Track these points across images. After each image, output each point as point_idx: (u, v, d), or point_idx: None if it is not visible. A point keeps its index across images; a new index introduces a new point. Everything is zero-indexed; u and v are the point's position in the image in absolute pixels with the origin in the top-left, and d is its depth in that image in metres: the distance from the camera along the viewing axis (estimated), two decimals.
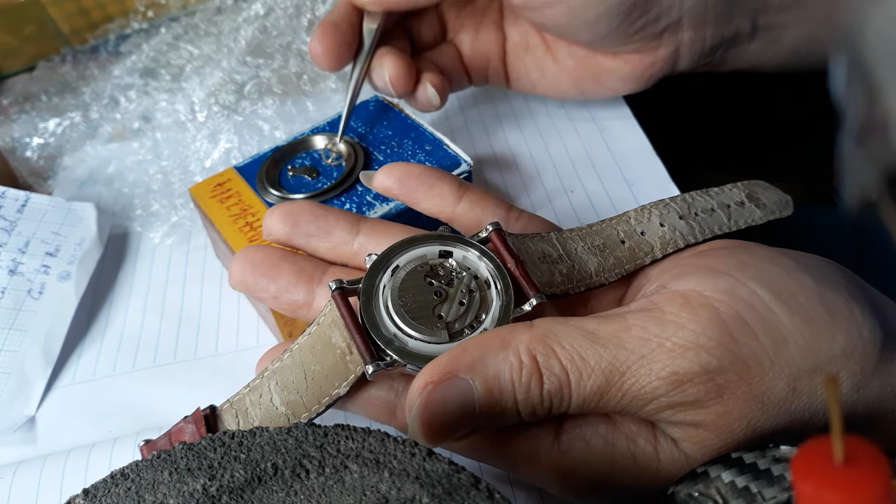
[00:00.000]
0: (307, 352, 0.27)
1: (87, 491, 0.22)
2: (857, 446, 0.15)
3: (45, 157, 0.50)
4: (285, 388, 0.27)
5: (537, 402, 0.23)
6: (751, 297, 0.23)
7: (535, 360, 0.23)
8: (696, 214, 0.30)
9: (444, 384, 0.23)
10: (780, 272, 0.24)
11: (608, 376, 0.23)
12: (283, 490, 0.21)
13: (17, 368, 0.37)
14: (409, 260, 0.27)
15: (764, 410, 0.23)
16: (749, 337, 0.23)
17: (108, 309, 0.41)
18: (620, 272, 0.28)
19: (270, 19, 0.54)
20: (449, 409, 0.23)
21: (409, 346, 0.25)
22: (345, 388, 0.26)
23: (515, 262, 0.26)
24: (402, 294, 0.26)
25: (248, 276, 0.29)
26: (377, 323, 0.26)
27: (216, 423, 0.28)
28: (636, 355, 0.23)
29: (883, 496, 0.14)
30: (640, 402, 0.23)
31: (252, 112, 0.51)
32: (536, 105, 0.50)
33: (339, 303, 0.26)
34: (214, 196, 0.39)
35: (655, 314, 0.24)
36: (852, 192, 0.15)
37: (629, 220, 0.30)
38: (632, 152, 0.46)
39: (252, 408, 0.27)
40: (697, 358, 0.22)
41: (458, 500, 0.20)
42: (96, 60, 0.57)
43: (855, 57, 0.14)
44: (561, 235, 0.29)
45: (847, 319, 0.23)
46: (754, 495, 0.20)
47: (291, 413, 0.26)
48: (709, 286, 0.24)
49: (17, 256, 0.40)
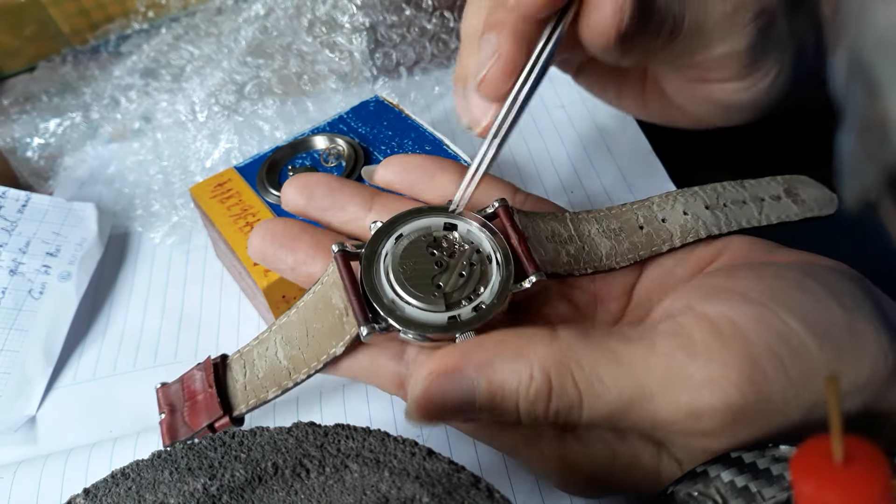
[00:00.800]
0: (310, 310, 0.28)
1: (88, 490, 0.22)
2: (857, 446, 0.15)
3: (46, 158, 0.50)
4: (289, 343, 0.28)
5: (541, 416, 0.23)
6: (783, 328, 0.23)
7: (549, 379, 0.23)
8: (724, 205, 0.29)
9: (448, 377, 0.23)
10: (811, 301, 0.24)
11: (627, 401, 0.22)
12: (284, 489, 0.21)
13: (17, 368, 0.37)
14: (414, 230, 0.27)
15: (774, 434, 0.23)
16: (780, 373, 0.22)
17: (109, 309, 0.41)
18: (634, 257, 0.28)
19: (271, 20, 0.54)
20: (448, 402, 0.23)
21: (405, 312, 0.26)
22: (341, 347, 0.26)
23: (519, 238, 0.26)
24: (402, 262, 0.26)
25: (267, 247, 0.29)
26: (375, 287, 0.26)
27: (225, 371, 0.29)
28: (658, 383, 0.22)
29: (883, 496, 0.14)
30: (655, 427, 0.23)
31: (252, 112, 0.51)
32: (537, 105, 0.50)
33: (340, 264, 0.26)
34: (215, 196, 0.39)
35: (684, 342, 0.23)
36: (852, 191, 0.15)
37: (652, 205, 0.29)
38: (632, 152, 0.46)
39: (259, 360, 0.28)
40: (723, 393, 0.22)
41: (458, 499, 0.20)
42: (97, 61, 0.57)
43: (855, 56, 0.14)
44: (576, 216, 0.28)
45: (874, 349, 0.23)
46: (754, 495, 0.20)
47: (293, 367, 0.27)
48: (741, 314, 0.23)
49: (17, 256, 0.40)
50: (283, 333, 0.28)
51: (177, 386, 0.30)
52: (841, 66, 0.14)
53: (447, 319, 0.25)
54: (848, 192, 0.15)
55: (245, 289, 0.40)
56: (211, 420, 0.28)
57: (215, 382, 0.29)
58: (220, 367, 0.30)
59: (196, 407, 0.29)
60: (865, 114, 0.14)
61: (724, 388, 0.22)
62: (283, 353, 0.28)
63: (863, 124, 0.14)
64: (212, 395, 0.29)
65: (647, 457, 0.25)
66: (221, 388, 0.29)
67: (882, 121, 0.14)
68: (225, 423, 0.29)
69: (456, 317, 0.25)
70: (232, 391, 0.29)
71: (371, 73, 0.52)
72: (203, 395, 0.29)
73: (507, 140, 0.26)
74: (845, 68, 0.14)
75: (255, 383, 0.28)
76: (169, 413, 0.30)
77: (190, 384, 0.30)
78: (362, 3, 0.51)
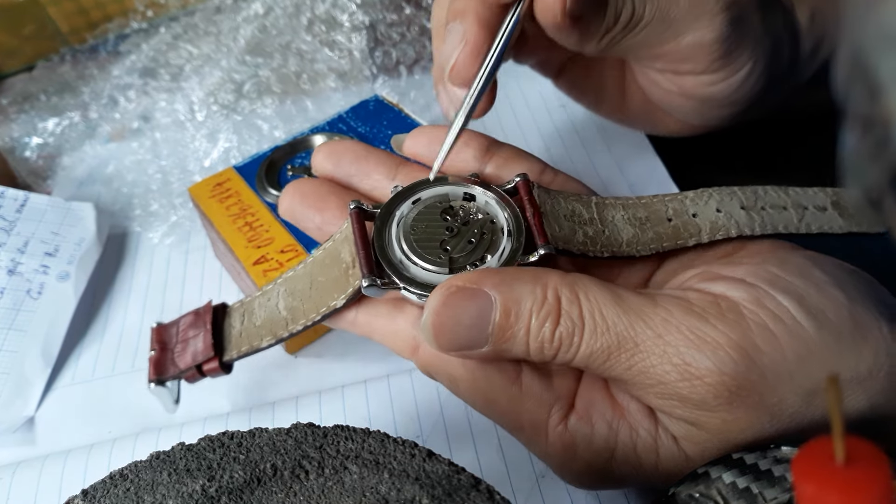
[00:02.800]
0: (318, 264, 0.28)
1: (86, 491, 0.22)
2: (858, 447, 0.15)
3: (44, 157, 0.50)
4: (291, 295, 0.28)
5: (547, 341, 0.23)
6: (778, 308, 0.23)
7: (559, 301, 0.23)
8: (762, 208, 0.28)
9: (466, 291, 0.23)
10: (810, 287, 0.24)
11: (621, 341, 0.23)
12: (283, 491, 0.21)
13: (16, 369, 0.37)
14: (432, 196, 0.28)
15: (773, 423, 0.23)
16: (773, 348, 0.22)
17: (108, 309, 0.41)
18: (657, 248, 0.27)
19: (270, 19, 0.54)
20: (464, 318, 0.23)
21: (409, 271, 0.26)
22: (342, 300, 0.26)
23: (533, 212, 0.26)
24: (415, 224, 0.27)
25: (296, 206, 0.30)
26: (385, 245, 0.26)
27: (224, 318, 0.31)
28: (654, 333, 0.23)
29: (884, 497, 0.14)
30: (646, 381, 0.23)
31: (251, 111, 0.51)
32: (537, 105, 0.50)
33: (354, 220, 0.27)
34: (214, 196, 0.38)
35: (683, 303, 0.23)
36: (855, 190, 0.15)
37: (685, 199, 0.29)
38: (632, 152, 0.46)
39: (259, 309, 0.29)
40: (714, 356, 0.22)
41: (458, 500, 0.20)
42: (95, 60, 0.57)
43: (856, 54, 0.14)
44: (602, 201, 0.28)
45: (876, 338, 0.23)
46: (755, 496, 0.20)
47: (291, 318, 0.28)
48: (738, 293, 0.24)
49: (16, 256, 0.40)
50: (287, 286, 0.29)
51: (173, 328, 0.31)
52: (842, 65, 0.14)
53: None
54: (851, 190, 0.15)
55: (244, 289, 0.40)
56: (200, 360, 0.29)
57: (212, 326, 0.30)
58: (219, 313, 0.31)
59: (188, 347, 0.30)
60: (867, 112, 0.14)
61: (715, 351, 0.22)
62: (283, 304, 0.28)
63: (865, 123, 0.14)
64: (206, 335, 0.30)
65: (645, 433, 0.25)
66: (217, 332, 0.30)
67: (884, 119, 0.13)
68: (213, 367, 0.30)
69: None
70: (227, 337, 0.30)
71: (371, 72, 0.52)
72: (196, 337, 0.30)
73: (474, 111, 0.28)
74: (847, 67, 0.14)
75: (251, 331, 0.29)
76: (159, 350, 0.31)
77: (185, 325, 0.31)
78: (362, 2, 0.51)
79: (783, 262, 0.25)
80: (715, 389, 0.22)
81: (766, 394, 0.22)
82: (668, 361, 0.22)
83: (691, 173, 0.45)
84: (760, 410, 0.22)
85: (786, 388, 0.22)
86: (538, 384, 0.25)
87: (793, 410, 0.22)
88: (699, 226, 0.28)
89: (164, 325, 0.32)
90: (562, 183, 0.30)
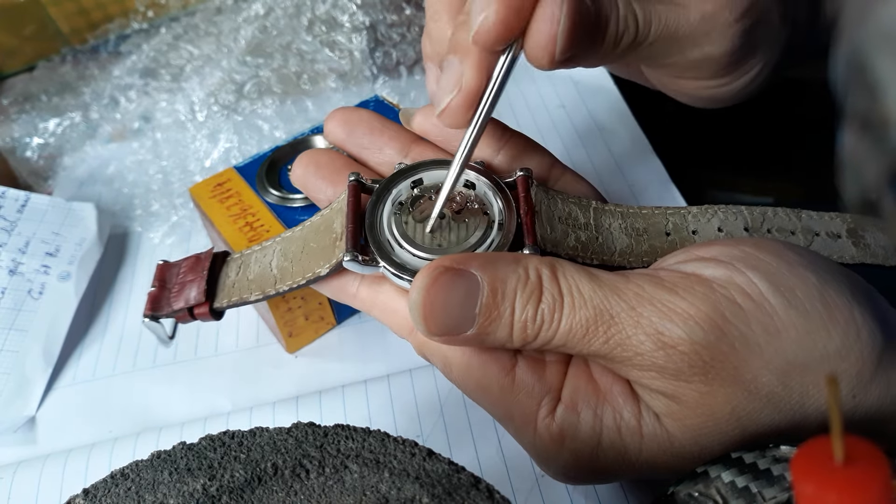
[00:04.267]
0: (312, 229, 0.28)
1: (87, 491, 0.22)
2: (857, 446, 0.15)
3: (45, 157, 0.50)
4: (284, 255, 0.29)
5: (530, 319, 0.24)
6: (747, 284, 0.23)
7: (540, 279, 0.24)
8: (767, 231, 0.28)
9: (454, 273, 0.24)
10: (782, 266, 0.24)
11: (598, 314, 0.23)
12: (283, 490, 0.21)
13: (17, 369, 0.37)
14: (434, 178, 0.28)
15: (750, 400, 0.23)
16: (740, 320, 0.23)
17: (109, 309, 0.41)
18: (650, 261, 0.27)
19: (270, 19, 0.54)
20: (452, 299, 0.24)
21: (393, 251, 0.26)
22: (325, 269, 0.27)
23: (527, 211, 0.26)
24: (409, 205, 0.27)
25: (310, 176, 0.30)
26: (375, 223, 0.27)
27: (222, 266, 0.31)
28: (627, 305, 0.23)
29: (883, 496, 0.14)
30: (624, 353, 0.23)
31: (252, 112, 0.51)
32: (537, 105, 0.50)
33: (350, 193, 0.27)
34: (214, 196, 0.38)
35: (655, 279, 0.24)
36: (854, 191, 0.15)
37: (687, 214, 0.28)
38: (632, 152, 0.46)
39: (254, 264, 0.30)
40: (685, 326, 0.23)
41: (458, 499, 0.20)
42: (96, 60, 0.57)
43: (855, 54, 0.14)
44: (601, 207, 0.28)
45: (846, 320, 0.23)
46: (754, 495, 0.20)
47: (279, 277, 0.28)
48: (709, 271, 0.24)
49: (17, 256, 0.40)
50: (282, 246, 0.29)
51: (175, 268, 0.32)
52: (841, 65, 0.14)
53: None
54: (850, 191, 0.15)
55: None
56: (192, 304, 0.30)
57: (208, 272, 0.31)
58: (218, 261, 0.31)
59: (184, 289, 0.31)
60: (866, 112, 0.14)
61: (686, 322, 0.23)
62: (275, 263, 0.29)
63: (863, 123, 0.14)
64: (201, 281, 0.31)
65: (628, 415, 0.25)
66: (212, 279, 0.31)
67: (882, 120, 0.14)
68: (204, 312, 0.30)
69: None
70: (221, 285, 0.31)
71: (371, 73, 0.52)
72: (193, 281, 0.31)
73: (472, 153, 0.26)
74: (845, 67, 0.14)
75: (243, 283, 0.30)
76: (158, 287, 0.32)
77: (187, 269, 0.32)
78: (362, 2, 0.51)
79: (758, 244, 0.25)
80: (689, 358, 0.23)
81: (740, 367, 0.23)
82: (642, 332, 0.23)
83: (692, 173, 0.45)
84: (736, 386, 0.23)
85: (756, 362, 0.23)
86: (531, 376, 0.26)
87: (769, 389, 0.23)
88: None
89: (167, 263, 0.33)
90: (568, 181, 0.30)
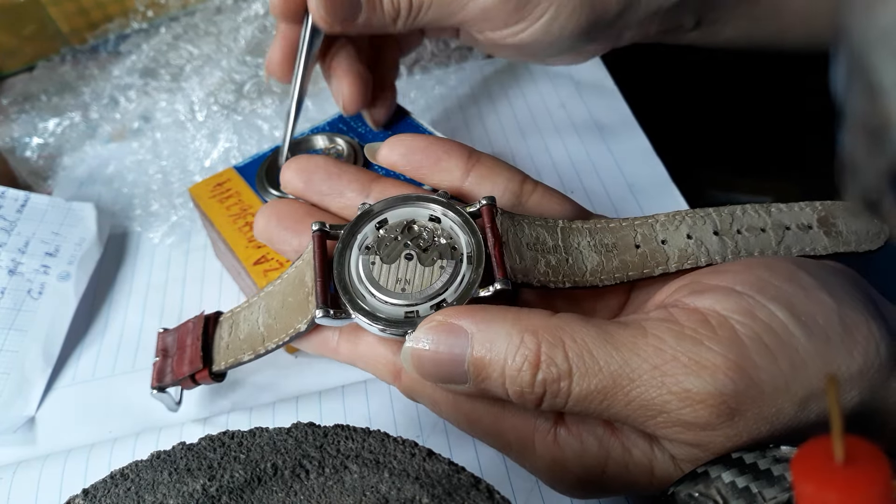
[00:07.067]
0: (289, 283, 0.28)
1: (87, 491, 0.22)
2: (858, 446, 0.15)
3: (45, 157, 0.50)
4: (268, 312, 0.29)
5: (527, 385, 0.23)
6: (770, 319, 0.23)
7: (539, 346, 0.23)
8: (737, 231, 0.27)
9: (444, 327, 0.23)
10: (799, 292, 0.24)
11: (616, 379, 0.22)
12: (283, 490, 0.21)
13: (16, 369, 0.37)
14: (399, 217, 0.27)
15: (771, 430, 0.22)
16: (769, 361, 0.22)
17: (108, 309, 0.41)
18: (622, 277, 0.26)
19: (270, 19, 0.54)
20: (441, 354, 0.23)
21: (366, 301, 0.25)
22: (304, 325, 0.26)
23: (495, 242, 0.25)
24: (376, 250, 0.26)
25: (272, 229, 0.30)
26: (343, 272, 0.26)
27: (215, 328, 0.31)
28: (649, 365, 0.22)
29: (883, 496, 0.14)
30: (647, 413, 0.22)
31: (251, 111, 0.51)
32: (537, 104, 0.50)
33: (316, 244, 0.27)
34: (214, 196, 0.38)
35: (673, 326, 0.23)
36: (854, 190, 0.15)
37: (655, 223, 0.27)
38: (632, 152, 0.46)
39: (243, 322, 0.30)
40: (713, 379, 0.22)
41: (458, 500, 0.20)
42: (96, 60, 0.57)
43: (855, 56, 0.14)
44: (569, 226, 0.27)
45: (865, 338, 0.23)
46: (755, 496, 0.20)
47: (266, 335, 0.28)
48: (728, 306, 0.23)
49: (16, 256, 0.40)
50: (266, 301, 0.29)
51: (174, 335, 0.33)
52: (842, 66, 0.14)
53: (404, 314, 0.25)
54: (850, 190, 0.15)
55: (244, 289, 0.40)
56: (191, 371, 0.30)
57: (202, 337, 0.31)
58: (210, 323, 0.31)
59: (183, 357, 0.31)
60: (866, 113, 0.14)
61: (714, 375, 0.22)
62: (262, 320, 0.29)
63: (863, 124, 0.14)
64: (196, 347, 0.31)
65: (639, 453, 0.24)
66: (207, 343, 0.31)
67: (883, 120, 0.14)
68: (204, 377, 0.30)
69: (414, 312, 0.25)
70: (216, 348, 0.31)
71: None
72: (190, 347, 0.31)
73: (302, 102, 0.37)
74: (846, 67, 0.14)
75: (236, 344, 0.30)
76: (161, 358, 0.32)
77: (183, 335, 0.32)
78: None
79: (770, 266, 0.25)
80: (717, 410, 0.22)
81: (765, 406, 0.22)
82: (667, 391, 0.22)
83: (692, 173, 0.45)
84: (759, 421, 0.22)
85: (782, 397, 0.22)
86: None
87: (790, 417, 0.22)
88: (667, 254, 0.27)
89: (167, 331, 0.33)
90: (540, 197, 0.29)
